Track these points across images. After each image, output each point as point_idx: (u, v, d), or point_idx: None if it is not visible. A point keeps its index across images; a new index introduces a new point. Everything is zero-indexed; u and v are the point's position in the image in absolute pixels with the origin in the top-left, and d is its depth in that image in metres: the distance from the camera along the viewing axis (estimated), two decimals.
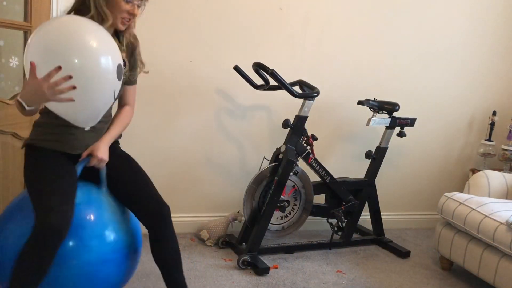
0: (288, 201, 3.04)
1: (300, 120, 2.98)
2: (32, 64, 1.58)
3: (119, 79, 1.78)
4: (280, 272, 2.82)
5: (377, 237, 3.37)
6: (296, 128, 2.98)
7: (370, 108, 3.19)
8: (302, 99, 2.97)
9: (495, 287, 2.60)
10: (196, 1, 3.10)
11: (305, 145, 3.05)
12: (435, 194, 3.62)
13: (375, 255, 3.20)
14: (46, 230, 1.63)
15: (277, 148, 3.05)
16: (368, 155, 3.31)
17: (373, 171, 3.30)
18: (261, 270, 2.76)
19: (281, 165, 2.91)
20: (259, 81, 3.03)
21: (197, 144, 3.27)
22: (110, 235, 1.89)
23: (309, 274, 2.82)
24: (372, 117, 3.18)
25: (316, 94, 2.96)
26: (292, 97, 2.90)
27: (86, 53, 1.65)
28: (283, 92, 2.92)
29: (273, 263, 2.90)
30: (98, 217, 1.89)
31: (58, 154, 1.90)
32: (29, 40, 1.67)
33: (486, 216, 2.62)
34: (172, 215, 3.40)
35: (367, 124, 3.17)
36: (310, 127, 3.06)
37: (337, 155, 3.55)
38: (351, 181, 3.28)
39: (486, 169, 3.36)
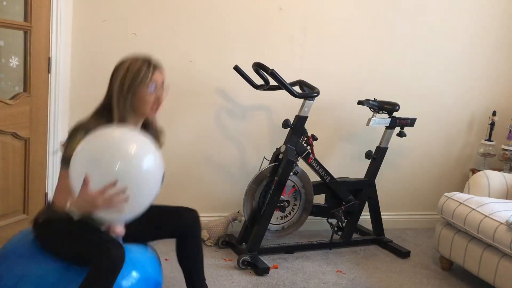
0: (288, 201, 3.04)
1: (300, 120, 2.97)
2: (86, 177, 1.57)
3: (161, 184, 1.78)
4: (280, 272, 2.82)
5: (377, 237, 3.37)
6: (296, 128, 2.98)
7: (370, 108, 3.19)
8: (302, 99, 2.96)
9: (495, 287, 2.60)
10: (196, 1, 3.10)
11: (305, 145, 3.05)
12: (435, 194, 3.62)
13: (375, 255, 3.20)
14: (111, 261, 1.68)
15: (277, 148, 3.05)
16: (368, 155, 3.31)
17: (373, 171, 3.30)
18: (261, 270, 2.76)
19: (281, 165, 2.91)
20: (259, 81, 3.03)
21: (197, 144, 3.27)
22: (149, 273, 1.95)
23: (309, 274, 2.82)
24: (372, 117, 3.17)
25: (316, 94, 2.96)
26: (292, 97, 2.90)
27: (138, 167, 1.65)
28: (283, 92, 2.92)
29: (273, 263, 2.90)
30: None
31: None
32: (78, 149, 1.66)
33: (486, 216, 2.62)
34: None
35: (367, 124, 3.17)
36: (310, 127, 3.06)
37: (337, 155, 3.55)
38: (351, 181, 3.28)
39: (486, 169, 3.36)
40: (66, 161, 1.73)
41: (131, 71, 1.84)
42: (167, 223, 2.09)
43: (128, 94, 1.83)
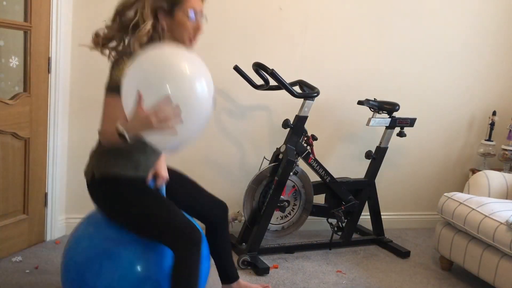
0: (288, 201, 3.04)
1: (300, 120, 2.98)
2: (140, 94, 1.49)
3: (213, 109, 1.69)
4: (280, 272, 2.82)
5: (377, 237, 3.37)
6: (296, 128, 2.98)
7: (370, 108, 3.19)
8: (302, 99, 2.97)
9: (495, 287, 2.60)
10: None
11: (305, 145, 3.05)
12: (435, 194, 3.62)
13: (375, 255, 3.20)
14: (192, 245, 1.74)
15: (277, 148, 3.05)
16: (368, 155, 3.30)
17: (373, 171, 3.30)
18: (261, 270, 2.76)
19: (281, 165, 2.91)
20: (259, 81, 3.03)
21: (197, 144, 3.26)
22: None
23: (309, 274, 2.82)
24: (372, 117, 3.17)
25: (316, 94, 2.96)
26: (292, 97, 2.90)
27: (192, 84, 1.56)
28: (283, 92, 2.92)
29: (273, 263, 2.90)
30: None
31: (138, 179, 1.86)
32: (129, 68, 1.58)
33: (486, 216, 2.62)
34: None
35: (367, 124, 3.17)
36: (310, 127, 3.06)
37: (337, 155, 3.54)
38: (351, 181, 3.28)
39: (486, 169, 3.36)
40: (112, 88, 1.66)
41: None
42: (200, 207, 2.14)
43: (162, 14, 1.73)
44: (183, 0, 1.75)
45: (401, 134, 3.28)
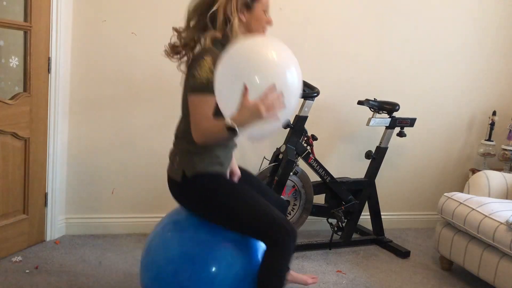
0: (288, 201, 3.04)
1: (300, 120, 2.98)
2: (245, 87, 1.55)
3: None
4: None
5: (377, 237, 3.37)
6: (296, 128, 2.98)
7: (370, 108, 3.19)
8: (302, 99, 2.97)
9: (495, 287, 2.60)
10: None
11: (305, 145, 3.05)
12: (435, 194, 3.62)
13: (375, 255, 3.20)
14: (288, 238, 1.77)
15: (277, 148, 3.05)
16: (368, 155, 3.30)
17: (373, 171, 3.30)
18: None
19: (281, 165, 2.91)
20: None
21: None
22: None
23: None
24: (372, 117, 3.17)
25: (316, 94, 2.96)
26: None
27: (288, 70, 1.62)
28: None
29: None
30: None
31: (225, 175, 1.92)
32: (222, 65, 1.62)
33: (486, 216, 2.62)
34: None
35: (367, 124, 3.17)
36: (310, 127, 3.06)
37: (337, 155, 3.54)
38: (351, 181, 3.27)
39: (486, 169, 3.36)
40: (198, 89, 1.70)
41: None
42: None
43: (245, 12, 1.81)
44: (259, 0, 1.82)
45: (401, 134, 3.28)
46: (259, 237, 1.84)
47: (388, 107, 3.19)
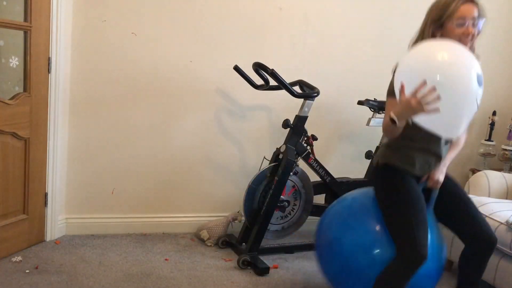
0: (288, 201, 3.04)
1: (300, 120, 2.98)
2: (402, 84, 1.75)
3: (479, 86, 1.83)
4: (280, 272, 2.82)
5: None
6: (296, 128, 2.98)
7: (370, 108, 3.19)
8: (302, 99, 2.97)
9: (495, 287, 2.59)
10: (196, 1, 3.10)
11: (305, 145, 3.05)
12: None
13: None
14: (414, 262, 1.87)
15: (277, 148, 3.05)
16: (368, 155, 3.30)
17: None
18: (261, 270, 2.76)
19: (281, 165, 2.91)
20: (259, 81, 3.03)
21: (197, 144, 3.27)
22: (434, 254, 2.05)
23: (309, 274, 2.82)
24: (372, 117, 3.17)
25: (316, 94, 2.96)
26: (292, 97, 2.90)
27: (444, 67, 1.77)
28: (283, 92, 2.92)
29: (273, 263, 2.89)
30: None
31: (410, 176, 2.04)
32: (398, 64, 1.90)
33: (486, 216, 2.61)
34: (172, 215, 3.42)
35: (367, 124, 3.17)
36: (310, 127, 3.06)
37: (337, 155, 3.54)
38: (351, 181, 3.27)
39: (486, 169, 3.36)
40: (388, 92, 1.96)
41: (439, 3, 1.98)
42: (463, 223, 2.14)
43: (434, 26, 1.97)
44: (452, 14, 1.94)
45: None
46: (395, 243, 1.96)
47: None
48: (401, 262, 1.91)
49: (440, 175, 2.10)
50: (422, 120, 1.80)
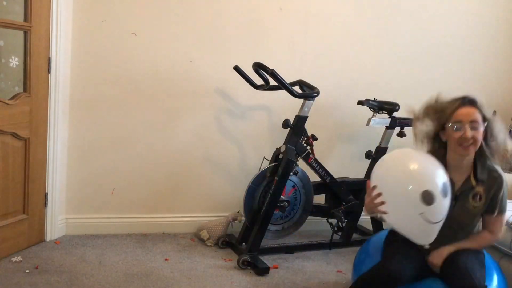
0: (288, 201, 3.04)
1: (300, 120, 2.97)
2: (367, 184, 1.94)
3: (444, 197, 1.86)
4: (280, 272, 2.82)
5: None
6: (296, 128, 2.98)
7: (370, 108, 3.19)
8: (302, 99, 2.96)
9: None
10: (196, 1, 3.10)
11: (305, 145, 3.05)
12: None
13: None
14: (382, 272, 1.88)
15: (277, 148, 3.05)
16: (368, 155, 3.30)
17: None
18: (261, 270, 2.76)
19: (281, 165, 2.91)
20: (259, 81, 3.02)
21: (197, 144, 3.27)
22: None
23: (309, 274, 2.82)
24: (372, 117, 3.17)
25: (316, 94, 2.96)
26: (292, 97, 2.90)
27: (394, 176, 1.91)
28: (283, 92, 2.92)
29: (273, 263, 2.89)
30: None
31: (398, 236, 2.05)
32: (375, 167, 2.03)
33: None
34: (172, 215, 3.41)
35: (367, 124, 3.17)
36: (310, 127, 3.06)
37: (337, 155, 3.54)
38: (351, 181, 3.27)
39: None
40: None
41: (436, 104, 2.07)
42: (447, 276, 1.97)
43: (435, 127, 2.02)
44: (449, 119, 1.97)
45: (401, 134, 3.28)
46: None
47: (388, 107, 3.19)
48: (371, 269, 1.93)
49: (433, 259, 1.98)
50: (397, 228, 1.96)
